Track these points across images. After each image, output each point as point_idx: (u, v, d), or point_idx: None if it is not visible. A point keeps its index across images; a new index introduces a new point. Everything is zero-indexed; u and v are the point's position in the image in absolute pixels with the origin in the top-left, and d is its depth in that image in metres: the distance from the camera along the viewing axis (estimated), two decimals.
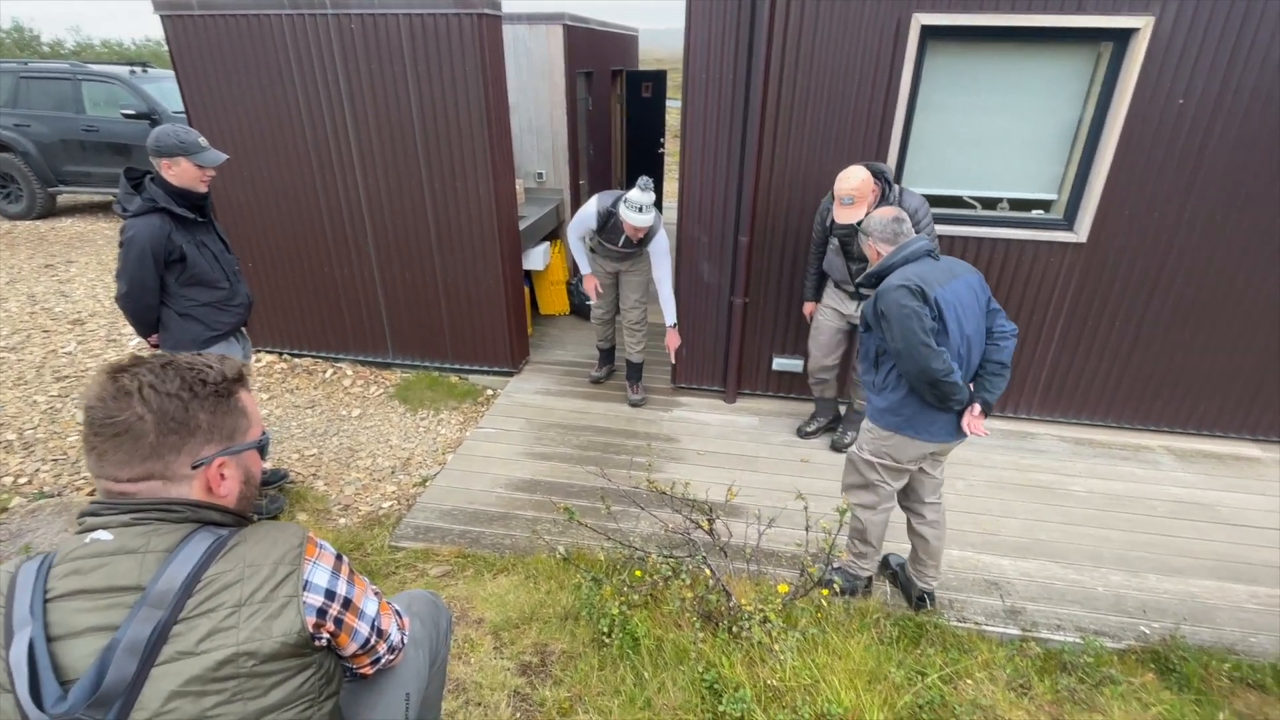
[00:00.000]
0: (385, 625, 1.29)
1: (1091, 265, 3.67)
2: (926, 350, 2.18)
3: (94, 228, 8.37)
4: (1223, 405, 3.90)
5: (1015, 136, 3.60)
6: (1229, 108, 3.25)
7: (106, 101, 7.93)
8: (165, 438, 1.03)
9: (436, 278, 4.38)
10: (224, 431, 1.10)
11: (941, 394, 2.24)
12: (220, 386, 1.10)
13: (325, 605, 1.10)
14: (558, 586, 2.74)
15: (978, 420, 2.36)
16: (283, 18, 3.78)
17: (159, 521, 1.03)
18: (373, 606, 1.24)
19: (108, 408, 1.00)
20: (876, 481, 2.55)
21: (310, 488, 3.56)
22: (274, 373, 4.73)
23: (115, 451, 1.01)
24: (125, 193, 2.59)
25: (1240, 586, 2.92)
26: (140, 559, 0.99)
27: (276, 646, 1.01)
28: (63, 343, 5.09)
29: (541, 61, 5.24)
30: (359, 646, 1.21)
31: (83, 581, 0.98)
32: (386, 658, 1.33)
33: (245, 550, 1.05)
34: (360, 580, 1.22)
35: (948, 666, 2.37)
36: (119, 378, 1.02)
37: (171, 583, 0.97)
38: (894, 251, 2.35)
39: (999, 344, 2.36)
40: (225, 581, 1.01)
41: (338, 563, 1.16)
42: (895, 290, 2.21)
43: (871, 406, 2.49)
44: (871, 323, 2.35)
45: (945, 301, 2.22)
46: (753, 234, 3.82)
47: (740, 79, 3.57)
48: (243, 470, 1.15)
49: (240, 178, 4.26)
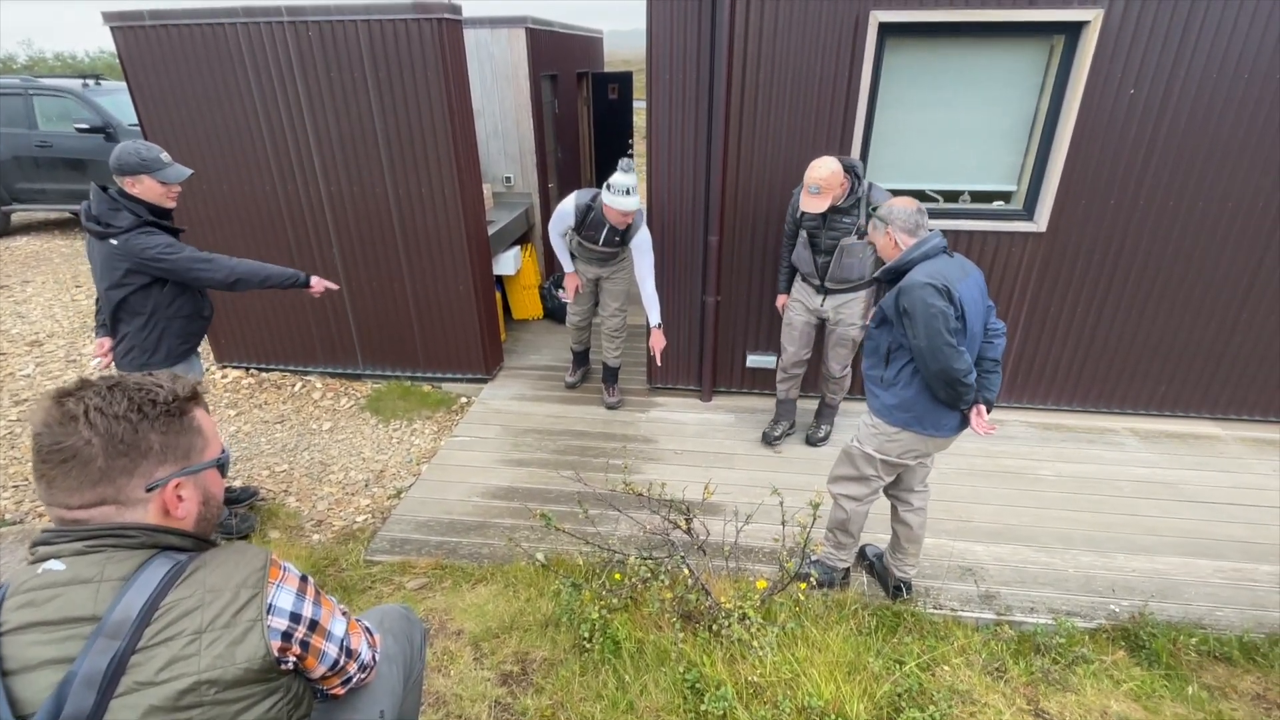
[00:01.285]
0: (355, 645, 1.26)
1: (1052, 254, 3.74)
2: (950, 350, 2.16)
3: (50, 245, 8.12)
4: (1182, 386, 4.01)
5: (975, 129, 3.66)
6: (1177, 97, 3.34)
7: (60, 116, 7.72)
8: (115, 461, 1.00)
9: (405, 286, 4.33)
10: (178, 452, 1.07)
11: (956, 394, 2.24)
12: (172, 406, 1.06)
13: (290, 628, 1.08)
14: (537, 594, 2.72)
15: (985, 421, 2.36)
16: (237, 26, 3.71)
17: (114, 549, 1.00)
18: (340, 627, 1.22)
19: (54, 433, 0.97)
20: (871, 476, 2.56)
21: (282, 505, 3.49)
22: (241, 388, 4.63)
23: (64, 478, 0.98)
24: (109, 208, 2.52)
25: (1205, 562, 3.00)
26: (95, 588, 0.96)
27: (240, 673, 0.99)
28: (20, 365, 4.94)
29: (505, 65, 5.21)
30: (327, 668, 1.19)
31: (37, 614, 0.95)
32: (358, 677, 1.31)
33: (205, 575, 1.02)
34: (327, 601, 1.20)
35: (925, 654, 2.40)
36: (64, 402, 0.99)
37: (128, 611, 0.95)
38: (914, 246, 2.28)
39: (993, 341, 2.37)
40: (184, 609, 0.98)
41: (303, 584, 1.14)
42: (921, 288, 2.16)
43: (878, 402, 2.46)
44: (892, 318, 2.30)
45: (965, 300, 2.19)
46: (722, 232, 3.84)
47: (704, 79, 3.59)
48: (201, 491, 1.12)
49: (200, 191, 4.17)
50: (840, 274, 3.34)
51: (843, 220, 3.22)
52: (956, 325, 2.18)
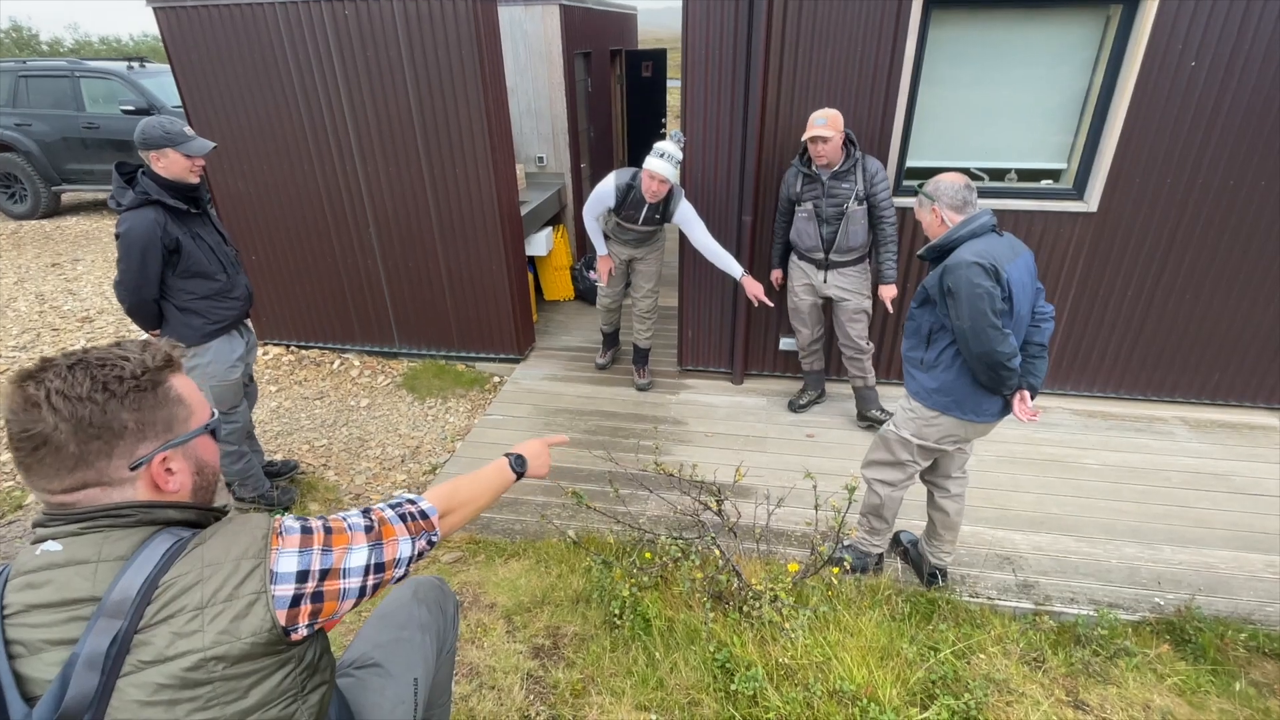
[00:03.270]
0: (389, 555, 1.15)
1: (1102, 235, 3.61)
2: (995, 333, 2.09)
3: (99, 225, 8.39)
4: (1236, 374, 3.85)
5: (1022, 106, 3.53)
6: (1240, 71, 3.17)
7: (106, 98, 7.92)
8: (88, 445, 0.94)
9: (440, 266, 4.37)
10: (158, 426, 1.00)
11: (999, 378, 2.17)
12: (141, 379, 0.98)
13: (299, 590, 1.01)
14: (568, 570, 2.75)
15: (1029, 407, 2.28)
16: (275, 6, 3.74)
17: (109, 528, 0.96)
18: (360, 557, 1.10)
19: (20, 420, 0.92)
20: (907, 460, 2.51)
21: (321, 478, 3.58)
22: (281, 365, 4.74)
23: (39, 465, 0.94)
24: (118, 187, 2.57)
25: (1256, 556, 2.89)
26: (94, 568, 0.94)
27: (247, 647, 0.95)
28: (72, 340, 5.13)
29: (539, 43, 5.18)
30: (357, 599, 1.10)
31: (36, 596, 0.93)
32: (408, 571, 1.21)
33: (205, 550, 0.98)
34: (340, 533, 1.10)
35: (960, 642, 2.37)
36: (25, 386, 0.93)
37: (128, 590, 0.92)
38: (962, 223, 2.20)
39: (1039, 325, 2.28)
40: (184, 584, 0.94)
41: (305, 537, 1.05)
42: (968, 267, 2.08)
43: (916, 385, 2.40)
44: (936, 298, 2.24)
45: (1014, 281, 2.11)
46: (756, 213, 3.78)
47: (740, 56, 3.51)
48: (192, 461, 1.06)
49: (240, 169, 4.25)
50: (846, 243, 3.35)
51: (841, 186, 3.27)
52: (1003, 307, 2.11)
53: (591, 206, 3.84)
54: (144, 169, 2.58)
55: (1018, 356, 2.16)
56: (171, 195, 2.57)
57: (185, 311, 2.74)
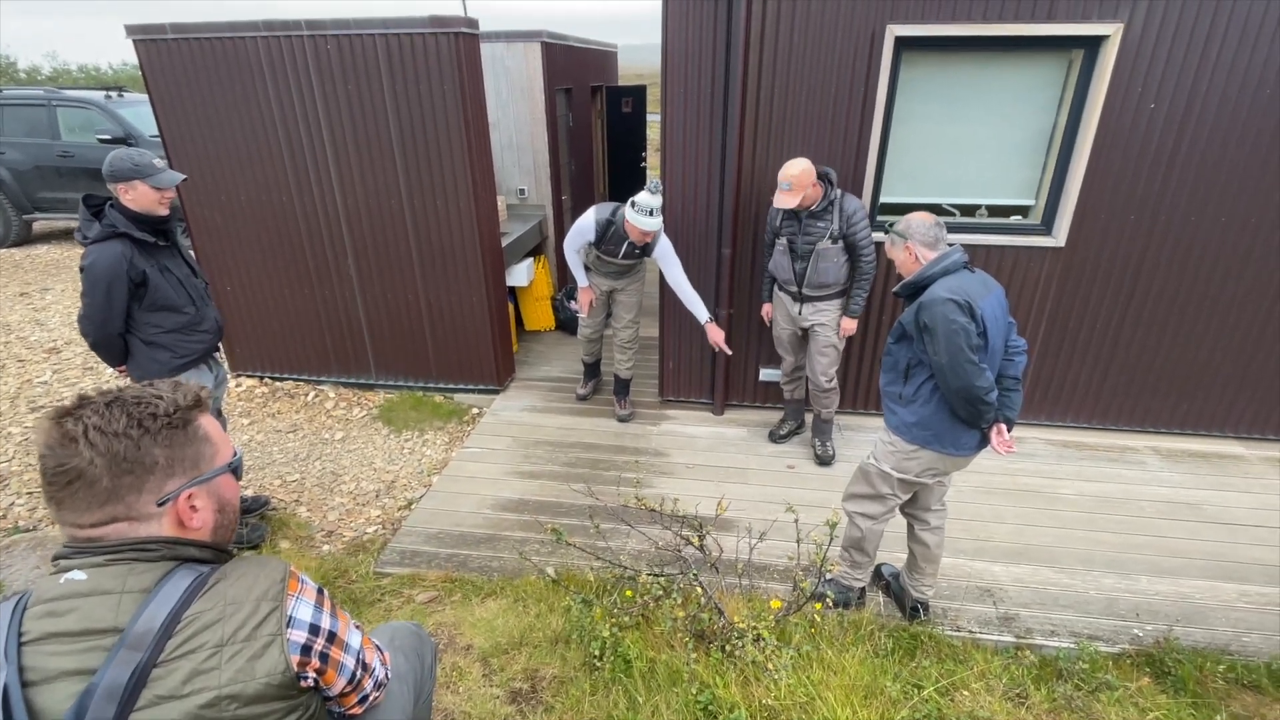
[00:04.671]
0: (369, 659, 1.25)
1: (1071, 269, 3.70)
2: (972, 368, 2.13)
3: (69, 254, 8.24)
4: (1205, 403, 3.94)
5: (991, 143, 3.64)
6: (1199, 112, 3.30)
7: (82, 127, 7.85)
8: (120, 479, 0.98)
9: (419, 297, 4.35)
10: (186, 463, 1.05)
11: (977, 412, 2.20)
12: (174, 417, 1.03)
13: (310, 641, 1.06)
14: (547, 609, 2.69)
15: (1006, 439, 2.32)
16: (258, 40, 3.76)
17: (135, 561, 0.99)
18: (356, 639, 1.20)
19: (56, 455, 0.96)
20: (887, 494, 2.52)
21: (293, 514, 3.49)
22: (255, 397, 4.65)
23: (72, 499, 0.97)
24: (85, 220, 2.53)
25: (1231, 586, 2.92)
26: (117, 599, 0.96)
27: (260, 688, 0.98)
28: (38, 372, 4.99)
29: (520, 79, 5.25)
30: (346, 682, 1.17)
31: (58, 624, 0.94)
32: (373, 695, 1.28)
33: (226, 587, 1.01)
34: (342, 614, 1.19)
35: (944, 678, 2.35)
36: (63, 423, 0.97)
37: (151, 623, 0.94)
38: (935, 261, 2.25)
39: (1013, 359, 2.33)
40: (206, 621, 0.97)
41: (320, 596, 1.12)
42: (943, 304, 2.12)
43: (896, 419, 2.42)
44: (912, 334, 2.27)
45: (987, 316, 2.16)
46: (735, 245, 3.83)
47: (719, 92, 3.58)
48: (215, 499, 1.10)
49: (216, 200, 4.22)
50: (816, 279, 3.39)
51: (817, 225, 3.31)
52: (978, 342, 2.14)
53: (572, 240, 3.86)
54: (112, 202, 2.55)
55: (994, 390, 2.20)
56: (139, 228, 2.54)
57: (152, 345, 2.69)
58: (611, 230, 3.72)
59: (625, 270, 3.96)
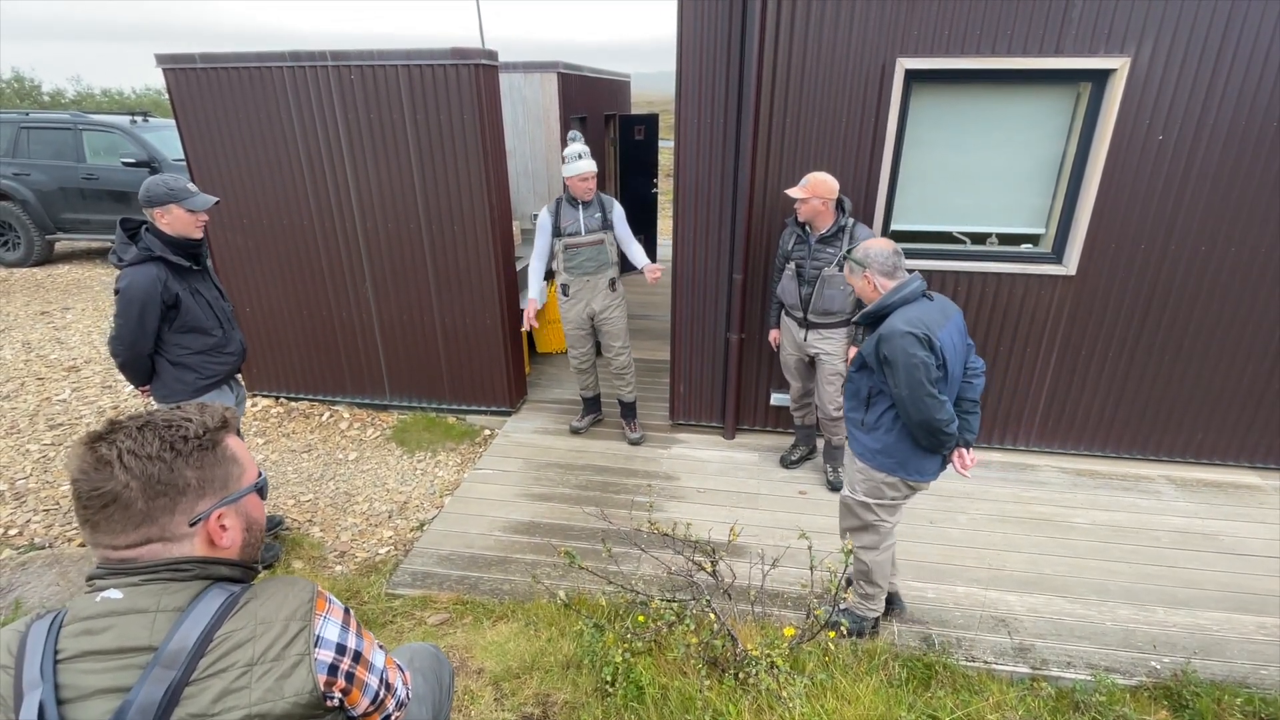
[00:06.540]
0: (392, 679, 1.26)
1: (1082, 297, 3.71)
2: (933, 401, 2.17)
3: (90, 274, 8.40)
4: (1219, 433, 3.92)
5: (1002, 172, 3.68)
6: (1207, 142, 3.34)
7: (107, 150, 8.04)
8: (154, 501, 1.00)
9: (434, 319, 4.41)
10: (216, 483, 1.07)
11: (939, 441, 2.25)
12: (204, 439, 1.06)
13: (336, 661, 1.07)
14: (559, 633, 2.69)
15: (967, 459, 2.42)
16: (284, 69, 3.87)
17: (168, 580, 1.01)
18: (380, 659, 1.21)
19: (91, 480, 0.98)
20: (874, 521, 2.53)
21: (306, 534, 3.51)
22: (270, 417, 4.70)
23: (107, 522, 0.99)
24: (121, 243, 2.60)
25: (1248, 618, 2.89)
26: (152, 618, 0.98)
27: (289, 707, 0.99)
28: (57, 390, 5.07)
29: (536, 108, 5.37)
30: (369, 702, 1.18)
31: (94, 642, 0.96)
32: (395, 715, 1.29)
33: (256, 607, 1.03)
34: (367, 634, 1.20)
35: (959, 709, 2.33)
36: (97, 447, 0.99)
37: (184, 642, 0.96)
38: (893, 290, 2.28)
39: (971, 382, 2.37)
40: (237, 640, 0.99)
41: (346, 616, 1.14)
42: (902, 337, 2.15)
43: (861, 445, 2.47)
44: (872, 365, 2.31)
45: (946, 346, 2.19)
46: (746, 271, 3.87)
47: (731, 120, 3.66)
48: (243, 518, 1.12)
49: (239, 224, 4.31)
50: (821, 305, 3.41)
51: (826, 250, 3.35)
52: (938, 375, 2.18)
53: (538, 250, 3.99)
54: (147, 226, 2.62)
55: (955, 421, 2.24)
56: (174, 252, 2.61)
57: (179, 366, 2.74)
58: (561, 207, 3.86)
59: (597, 261, 3.91)
